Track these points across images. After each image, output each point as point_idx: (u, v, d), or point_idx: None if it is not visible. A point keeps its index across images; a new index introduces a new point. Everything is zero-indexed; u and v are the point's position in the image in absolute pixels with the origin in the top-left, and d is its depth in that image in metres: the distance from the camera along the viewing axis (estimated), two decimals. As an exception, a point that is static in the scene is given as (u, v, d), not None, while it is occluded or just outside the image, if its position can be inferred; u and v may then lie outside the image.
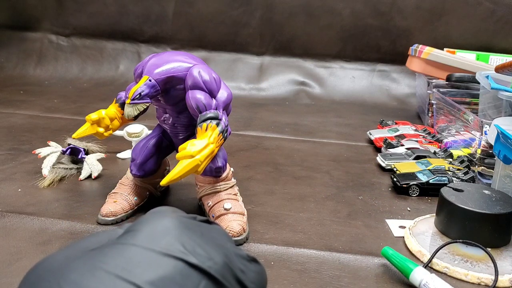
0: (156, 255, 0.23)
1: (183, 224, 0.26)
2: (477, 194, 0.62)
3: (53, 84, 1.59)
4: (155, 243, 0.24)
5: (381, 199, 0.77)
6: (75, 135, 0.66)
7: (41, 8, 1.71)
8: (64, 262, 0.23)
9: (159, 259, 0.23)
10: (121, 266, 0.22)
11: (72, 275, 0.22)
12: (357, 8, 1.54)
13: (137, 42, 1.69)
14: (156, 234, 0.25)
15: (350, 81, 1.60)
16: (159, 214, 0.27)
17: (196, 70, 0.58)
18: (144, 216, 0.27)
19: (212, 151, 0.56)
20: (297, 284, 0.53)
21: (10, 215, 0.65)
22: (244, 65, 1.64)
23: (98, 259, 0.23)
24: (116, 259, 0.23)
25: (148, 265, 0.23)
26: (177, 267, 0.23)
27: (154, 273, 0.22)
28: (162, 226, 0.25)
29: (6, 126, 1.09)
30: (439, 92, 1.08)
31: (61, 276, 0.22)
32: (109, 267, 0.22)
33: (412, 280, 0.52)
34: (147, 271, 0.22)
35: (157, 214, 0.27)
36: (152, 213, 0.28)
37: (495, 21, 1.47)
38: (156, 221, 0.26)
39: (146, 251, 0.23)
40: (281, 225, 0.66)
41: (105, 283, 0.21)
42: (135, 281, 0.22)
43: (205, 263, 0.24)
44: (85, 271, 0.22)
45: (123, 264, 0.22)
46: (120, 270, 0.22)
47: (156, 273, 0.22)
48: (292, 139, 1.09)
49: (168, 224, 0.25)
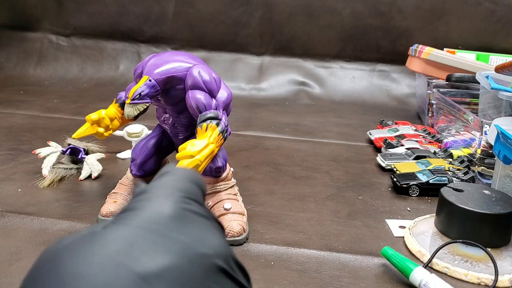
0: (162, 240, 0.21)
1: (189, 208, 0.24)
2: (477, 194, 0.62)
3: (53, 84, 1.59)
4: (161, 227, 0.22)
5: (381, 199, 0.77)
6: (75, 135, 0.66)
7: (41, 8, 1.71)
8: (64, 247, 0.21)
9: (164, 246, 0.21)
10: (124, 251, 0.20)
11: (71, 260, 0.20)
12: (357, 8, 1.54)
13: (137, 42, 1.69)
14: (161, 217, 0.23)
15: (350, 81, 1.60)
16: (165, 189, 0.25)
17: (196, 70, 0.58)
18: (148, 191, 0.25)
19: (212, 151, 0.56)
20: (297, 284, 0.53)
21: (10, 215, 0.65)
22: (244, 65, 1.64)
23: (99, 242, 0.21)
24: (118, 242, 0.21)
25: (153, 252, 0.21)
26: (184, 256, 0.21)
27: (160, 261, 0.20)
28: (167, 207, 0.23)
29: (6, 126, 1.09)
30: (439, 92, 1.08)
31: (59, 262, 0.20)
32: (110, 253, 0.20)
33: (412, 280, 0.52)
34: (152, 259, 0.20)
35: (162, 190, 0.25)
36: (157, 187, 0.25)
37: (495, 21, 1.47)
38: (161, 200, 0.24)
39: (151, 235, 0.21)
40: (281, 225, 0.66)
41: (106, 271, 0.19)
42: (140, 270, 0.20)
43: (211, 252, 0.22)
44: (84, 256, 0.20)
45: (126, 249, 0.20)
46: (122, 256, 0.20)
47: (161, 262, 0.20)
48: (292, 139, 1.09)
49: (173, 207, 0.24)
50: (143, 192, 0.25)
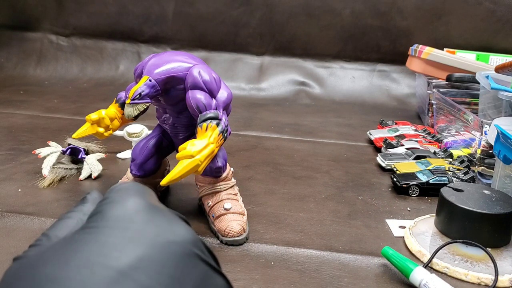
0: (130, 234, 0.22)
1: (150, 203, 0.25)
2: (477, 194, 0.62)
3: (53, 84, 1.59)
4: (127, 223, 0.23)
5: (381, 199, 0.77)
6: (75, 135, 0.66)
7: (41, 8, 1.71)
8: (36, 257, 0.22)
9: (134, 239, 0.22)
10: (96, 251, 0.21)
11: (46, 268, 0.21)
12: (357, 8, 1.54)
13: (137, 42, 1.69)
14: (126, 213, 0.24)
15: (350, 81, 1.60)
16: (123, 192, 0.26)
17: (196, 70, 0.58)
18: (108, 196, 0.26)
19: (212, 151, 0.56)
20: (297, 284, 0.53)
21: (10, 215, 0.65)
22: (244, 65, 1.63)
23: (71, 248, 0.22)
24: (90, 244, 0.21)
25: (124, 246, 0.21)
26: (155, 245, 0.22)
27: (132, 253, 0.21)
28: (131, 205, 0.24)
29: (6, 126, 1.09)
30: (439, 92, 1.08)
31: (35, 271, 0.21)
32: (83, 254, 0.21)
33: (412, 280, 0.52)
34: (124, 253, 0.21)
35: (121, 193, 0.26)
36: (114, 192, 0.26)
37: (495, 21, 1.47)
38: (123, 200, 0.25)
39: (119, 231, 0.22)
40: (281, 225, 0.66)
41: (81, 272, 0.20)
42: (114, 265, 0.20)
43: (181, 238, 0.23)
44: (59, 262, 0.21)
45: (98, 249, 0.21)
46: (96, 256, 0.21)
47: (134, 254, 0.21)
48: (292, 139, 1.09)
49: (136, 202, 0.24)
50: (106, 198, 0.26)
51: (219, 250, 0.59)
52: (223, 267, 0.58)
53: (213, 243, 0.61)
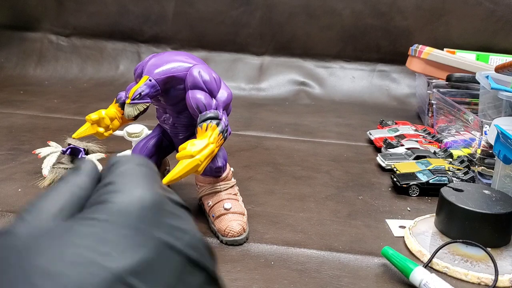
0: (133, 234, 0.21)
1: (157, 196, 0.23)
2: (477, 194, 0.62)
3: (53, 84, 1.59)
4: (131, 220, 0.21)
5: (381, 199, 0.77)
6: (75, 135, 0.66)
7: (41, 8, 1.71)
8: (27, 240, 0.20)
9: (135, 240, 0.21)
10: (95, 248, 0.20)
11: (39, 259, 0.19)
12: (357, 8, 1.54)
13: (137, 42, 1.69)
14: (131, 208, 0.22)
15: (350, 81, 1.60)
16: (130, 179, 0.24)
17: (196, 70, 0.58)
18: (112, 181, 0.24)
19: (212, 151, 0.56)
20: (297, 284, 0.53)
21: (10, 215, 0.65)
22: (244, 65, 1.63)
23: (68, 239, 0.20)
24: (89, 239, 0.20)
25: (125, 247, 0.20)
26: (156, 250, 0.21)
27: (131, 257, 0.20)
28: (137, 198, 0.22)
29: (6, 126, 1.09)
30: (439, 92, 1.08)
31: (26, 261, 0.19)
32: (80, 249, 0.19)
33: (412, 280, 0.52)
34: (123, 255, 0.20)
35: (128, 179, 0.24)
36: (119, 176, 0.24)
37: (495, 21, 1.47)
38: (129, 190, 0.23)
39: (122, 229, 0.21)
40: (281, 225, 0.66)
41: (79, 270, 0.19)
42: (113, 267, 0.19)
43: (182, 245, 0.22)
44: (54, 254, 0.19)
45: (97, 246, 0.20)
46: (93, 253, 0.19)
47: (133, 257, 0.20)
48: (292, 139, 1.09)
49: (143, 195, 0.23)
50: (110, 183, 0.24)
51: (219, 250, 0.59)
52: (223, 267, 0.58)
53: (213, 243, 0.61)
